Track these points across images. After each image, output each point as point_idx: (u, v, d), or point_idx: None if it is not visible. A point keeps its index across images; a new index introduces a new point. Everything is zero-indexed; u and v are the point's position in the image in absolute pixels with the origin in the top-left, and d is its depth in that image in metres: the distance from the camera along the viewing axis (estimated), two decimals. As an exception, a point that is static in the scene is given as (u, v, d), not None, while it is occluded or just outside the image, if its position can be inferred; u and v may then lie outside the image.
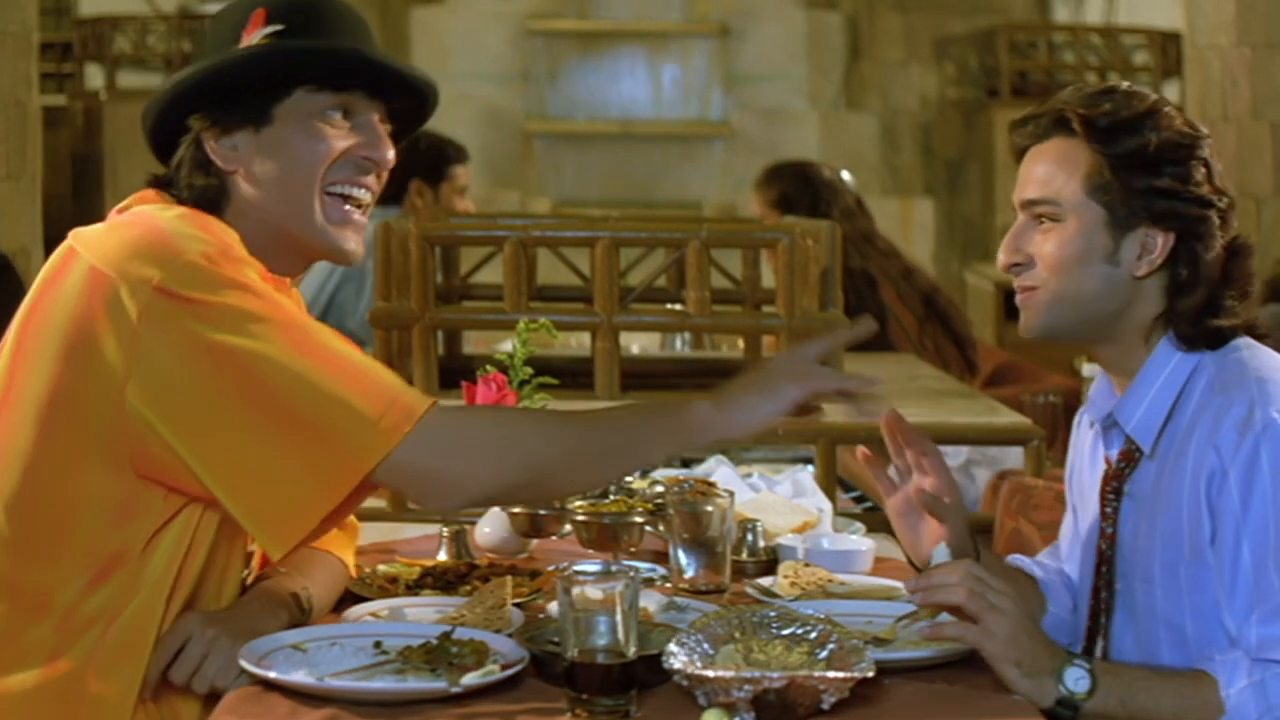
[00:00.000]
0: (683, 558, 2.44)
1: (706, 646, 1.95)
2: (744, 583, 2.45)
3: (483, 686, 1.95)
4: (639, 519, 2.45)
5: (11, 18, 6.40)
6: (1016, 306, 2.26)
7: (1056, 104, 2.23)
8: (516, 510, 2.53)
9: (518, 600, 2.28)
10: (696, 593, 2.40)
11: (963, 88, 11.02)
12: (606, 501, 2.49)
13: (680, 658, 1.91)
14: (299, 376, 2.02)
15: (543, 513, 2.51)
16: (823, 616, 2.01)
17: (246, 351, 2.02)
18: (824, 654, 1.95)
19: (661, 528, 2.47)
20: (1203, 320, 2.18)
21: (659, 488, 2.56)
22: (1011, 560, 2.48)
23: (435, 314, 3.70)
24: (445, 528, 2.63)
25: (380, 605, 2.29)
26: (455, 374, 3.19)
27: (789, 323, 3.65)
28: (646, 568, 2.51)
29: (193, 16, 10.25)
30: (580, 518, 2.46)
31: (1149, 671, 2.11)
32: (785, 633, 1.98)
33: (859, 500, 3.67)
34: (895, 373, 4.25)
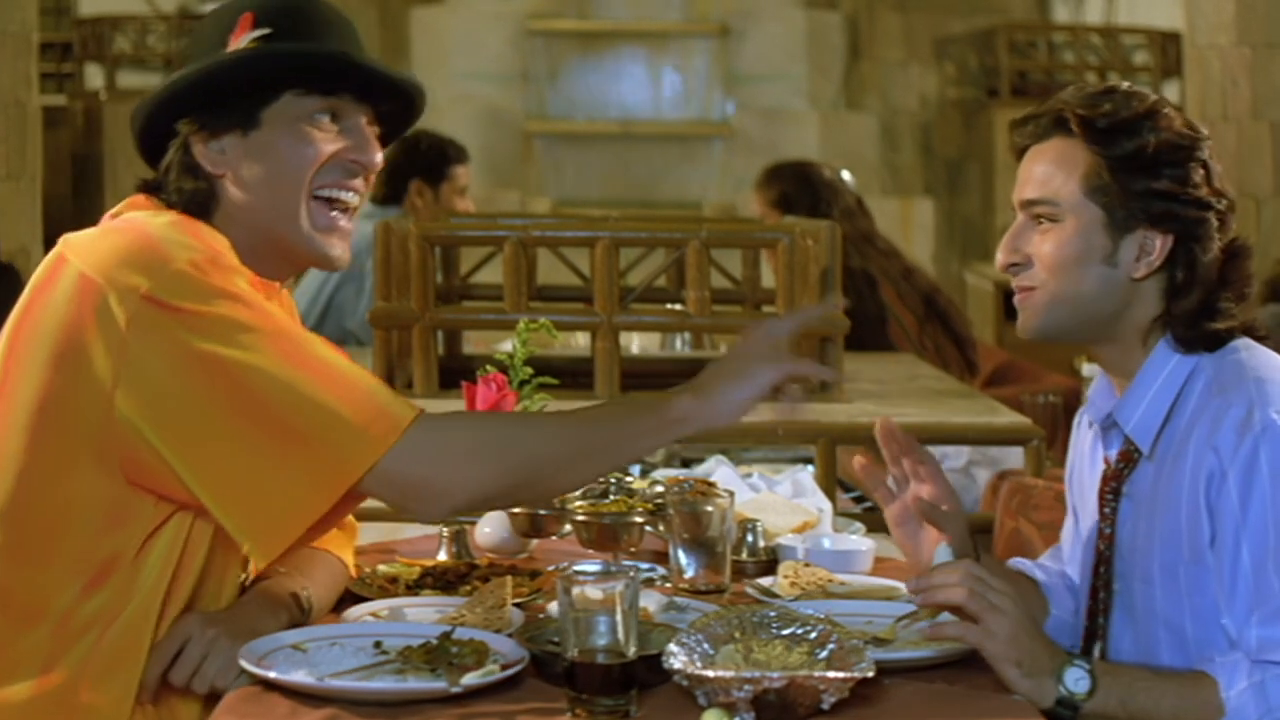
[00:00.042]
0: (683, 558, 2.44)
1: (706, 646, 1.95)
2: (744, 583, 2.45)
3: (483, 686, 1.94)
4: (639, 519, 2.45)
5: (11, 18, 6.41)
6: (1015, 307, 2.26)
7: (1056, 104, 2.23)
8: (516, 510, 2.52)
9: (518, 600, 2.28)
10: (696, 593, 2.40)
11: (962, 88, 11.03)
12: (606, 501, 2.49)
13: (680, 658, 1.91)
14: (287, 385, 2.02)
15: (543, 513, 2.51)
16: (823, 616, 2.01)
17: (234, 360, 2.02)
18: (824, 654, 1.95)
19: (661, 528, 2.47)
20: (1199, 322, 2.18)
21: (659, 488, 2.56)
22: (1013, 564, 2.47)
23: (435, 314, 3.70)
24: (445, 528, 2.63)
25: (380, 605, 2.29)
26: (455, 374, 3.19)
27: (789, 323, 3.65)
28: (646, 568, 2.51)
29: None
30: (580, 518, 2.46)
31: (1149, 672, 2.10)
32: (785, 633, 1.98)
33: (859, 500, 3.67)
34: (895, 373, 4.26)
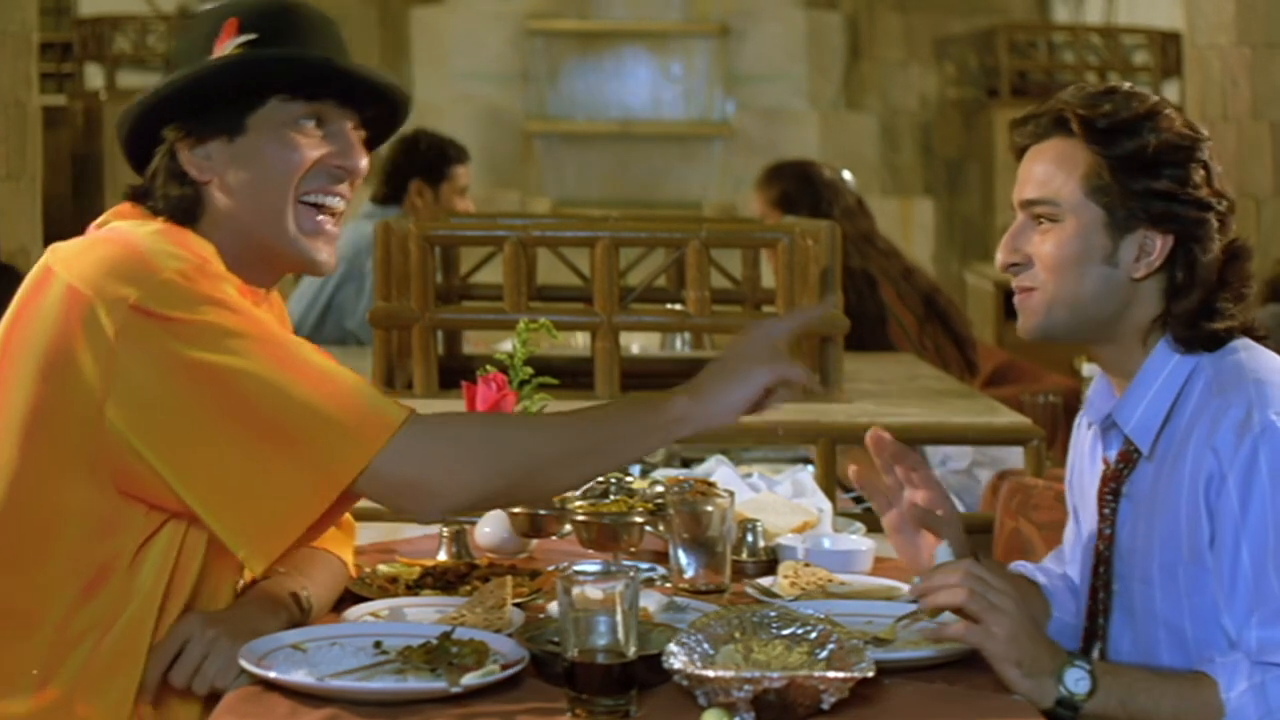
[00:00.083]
0: (683, 558, 2.44)
1: (706, 646, 1.95)
2: (744, 583, 2.45)
3: (483, 686, 1.94)
4: (639, 519, 2.45)
5: (11, 18, 6.41)
6: (1015, 308, 2.26)
7: (1057, 104, 2.23)
8: (516, 510, 2.52)
9: (518, 600, 2.27)
10: (696, 593, 2.40)
11: (962, 88, 11.03)
12: (606, 501, 2.49)
13: (680, 658, 1.90)
14: (278, 390, 2.02)
15: (543, 513, 2.50)
16: (823, 616, 2.01)
17: (224, 367, 2.02)
18: (824, 654, 1.94)
19: (661, 528, 2.46)
20: (1199, 323, 2.18)
21: (659, 488, 2.56)
22: (1015, 567, 2.47)
23: (435, 314, 3.70)
24: (445, 528, 2.63)
25: (380, 605, 2.28)
26: (455, 374, 3.19)
27: (789, 323, 3.65)
28: (646, 568, 2.50)
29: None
30: (580, 518, 2.46)
31: (1149, 673, 2.10)
32: (785, 633, 1.98)
33: (859, 500, 3.67)
34: (895, 373, 4.26)
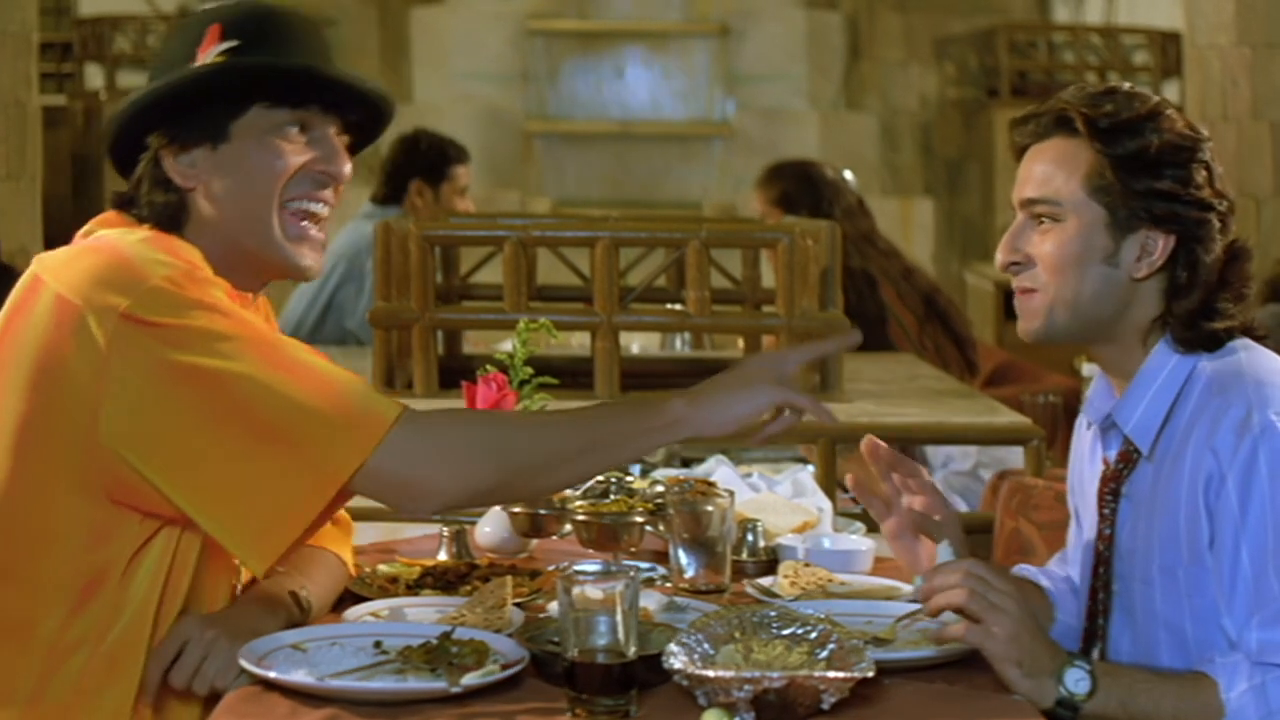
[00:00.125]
0: (683, 558, 2.44)
1: (706, 646, 1.95)
2: (744, 583, 2.45)
3: (483, 686, 1.94)
4: (639, 519, 2.45)
5: (11, 18, 6.41)
6: (1015, 308, 2.26)
7: (1058, 103, 2.22)
8: (516, 510, 2.52)
9: (518, 600, 2.27)
10: (696, 593, 2.40)
11: (962, 88, 11.03)
12: (606, 501, 2.49)
13: (680, 658, 1.90)
14: (271, 390, 2.02)
15: (543, 513, 2.50)
16: (823, 616, 2.01)
17: (216, 370, 2.02)
18: (824, 654, 1.94)
19: (661, 528, 2.46)
20: (1199, 323, 2.17)
21: (659, 488, 2.55)
22: (1018, 570, 2.46)
23: (435, 314, 3.70)
24: (445, 528, 2.63)
25: (380, 605, 2.28)
26: (455, 374, 3.19)
27: (789, 323, 3.65)
28: (646, 568, 2.50)
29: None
30: (580, 518, 2.46)
31: (1149, 673, 2.10)
32: (785, 633, 1.98)
33: (858, 500, 3.67)
34: (895, 373, 4.26)
